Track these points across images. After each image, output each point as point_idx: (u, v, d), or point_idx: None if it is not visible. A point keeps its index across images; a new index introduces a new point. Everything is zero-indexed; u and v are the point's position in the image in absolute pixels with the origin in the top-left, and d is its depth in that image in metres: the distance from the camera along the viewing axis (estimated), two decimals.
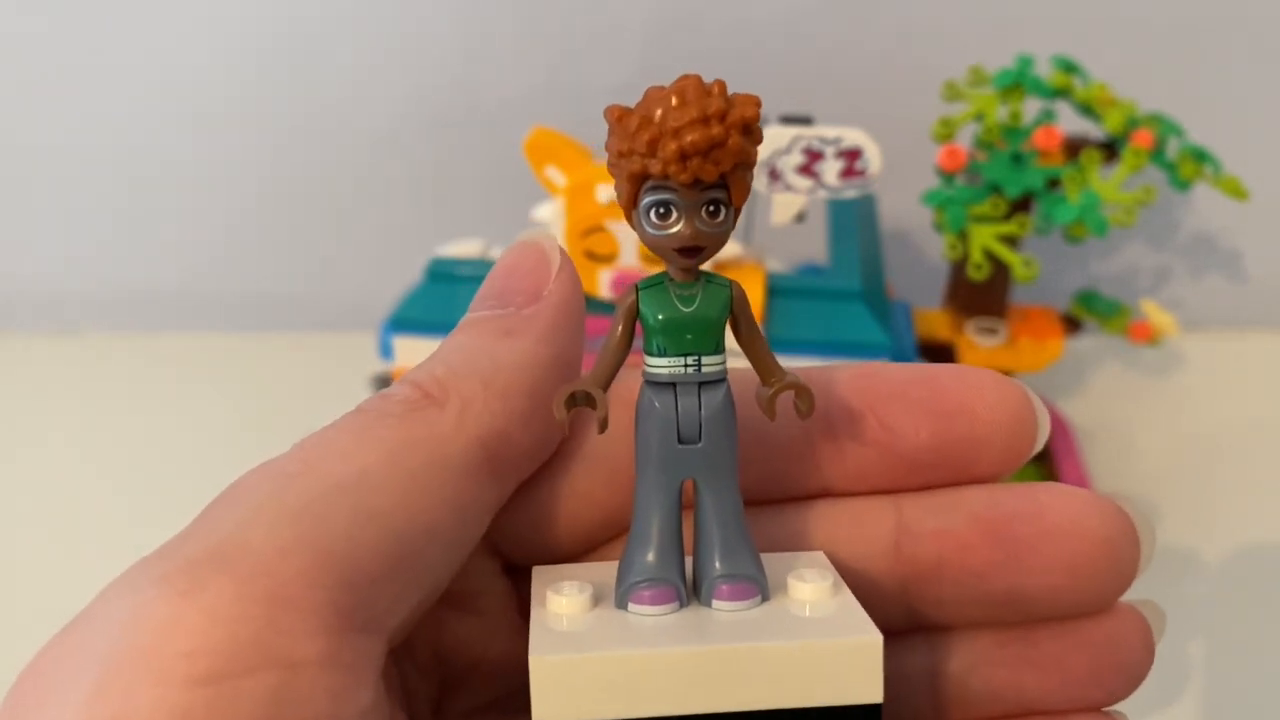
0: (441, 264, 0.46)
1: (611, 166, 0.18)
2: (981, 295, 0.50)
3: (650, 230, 0.18)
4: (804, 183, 0.42)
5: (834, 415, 0.20)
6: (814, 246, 0.52)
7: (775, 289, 0.43)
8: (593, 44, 0.58)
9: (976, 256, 0.44)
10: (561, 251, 0.21)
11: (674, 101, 0.17)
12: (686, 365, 0.18)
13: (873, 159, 0.41)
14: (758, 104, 0.17)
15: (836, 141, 0.41)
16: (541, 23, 0.58)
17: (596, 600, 0.19)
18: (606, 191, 0.43)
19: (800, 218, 0.43)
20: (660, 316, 0.18)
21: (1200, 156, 0.47)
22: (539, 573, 0.20)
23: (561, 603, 0.18)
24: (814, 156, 0.42)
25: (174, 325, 0.67)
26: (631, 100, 0.18)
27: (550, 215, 0.44)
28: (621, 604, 0.19)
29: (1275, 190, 0.54)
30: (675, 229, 0.18)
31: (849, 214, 0.48)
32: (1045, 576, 0.19)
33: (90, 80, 0.61)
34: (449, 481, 0.18)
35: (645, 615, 0.18)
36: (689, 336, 0.18)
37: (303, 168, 0.63)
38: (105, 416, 0.60)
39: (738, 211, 0.18)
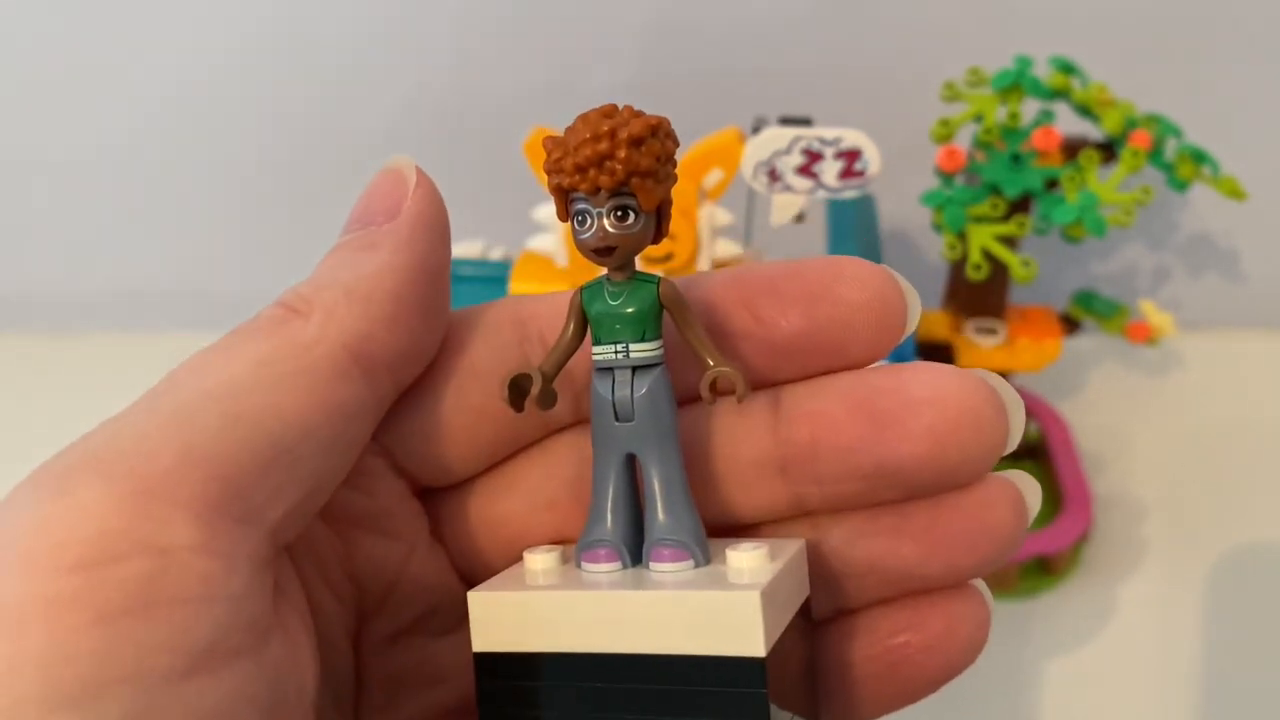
0: None
1: (548, 188, 0.21)
2: (980, 295, 0.50)
3: (576, 236, 0.20)
4: (803, 183, 0.42)
5: (712, 315, 0.22)
6: (814, 247, 0.52)
7: None
8: (592, 45, 0.59)
9: (975, 257, 0.44)
10: (419, 170, 0.22)
11: (578, 125, 0.20)
12: (617, 351, 0.21)
13: (872, 159, 0.42)
14: (649, 123, 0.20)
15: (836, 142, 0.41)
16: (541, 23, 0.59)
17: (564, 561, 0.21)
18: None
19: (800, 218, 0.43)
20: (593, 311, 0.21)
21: (1198, 157, 0.47)
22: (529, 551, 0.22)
23: (535, 560, 0.21)
24: (813, 157, 0.42)
25: (174, 325, 0.67)
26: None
27: (550, 216, 0.44)
28: (577, 563, 0.21)
29: (1273, 190, 0.54)
30: (590, 233, 0.20)
31: (848, 214, 0.49)
32: (910, 445, 0.20)
33: (90, 80, 0.61)
34: (318, 383, 0.19)
35: (591, 571, 0.21)
36: (617, 327, 0.21)
37: (303, 168, 0.64)
38: (105, 417, 0.60)
39: (660, 215, 0.21)
